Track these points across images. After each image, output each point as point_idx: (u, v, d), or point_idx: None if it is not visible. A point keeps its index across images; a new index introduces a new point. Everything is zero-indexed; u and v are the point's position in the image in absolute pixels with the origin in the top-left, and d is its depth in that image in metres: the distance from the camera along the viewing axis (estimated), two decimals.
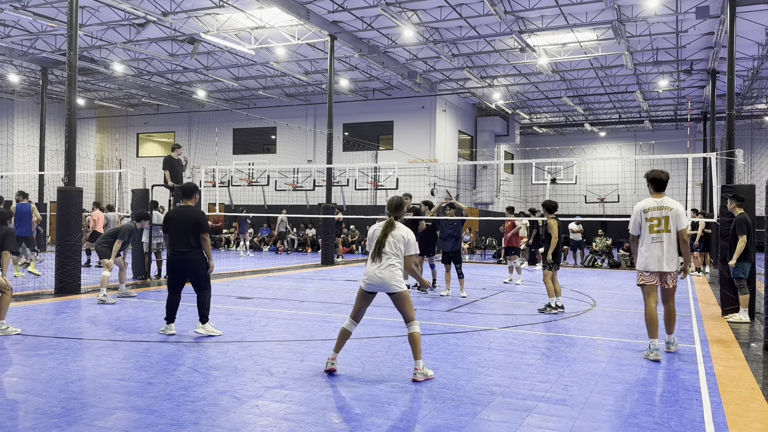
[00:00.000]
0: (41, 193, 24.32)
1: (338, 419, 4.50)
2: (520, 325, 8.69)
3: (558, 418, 4.60)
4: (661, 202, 6.58)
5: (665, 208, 6.53)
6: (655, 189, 6.69)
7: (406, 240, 5.63)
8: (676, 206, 6.56)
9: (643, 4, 17.30)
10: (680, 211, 6.55)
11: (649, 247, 6.52)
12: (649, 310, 6.56)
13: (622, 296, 12.37)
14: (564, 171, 33.65)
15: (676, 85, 26.89)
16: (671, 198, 6.63)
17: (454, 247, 11.76)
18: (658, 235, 6.50)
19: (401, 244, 5.61)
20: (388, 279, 5.53)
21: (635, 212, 6.63)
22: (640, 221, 6.61)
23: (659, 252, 6.48)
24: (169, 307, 7.50)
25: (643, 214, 6.59)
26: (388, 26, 19.84)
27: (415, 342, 5.54)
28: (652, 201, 6.63)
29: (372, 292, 5.69)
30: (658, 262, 6.48)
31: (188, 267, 7.35)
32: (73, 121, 11.56)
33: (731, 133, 13.40)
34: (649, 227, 6.53)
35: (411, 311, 5.61)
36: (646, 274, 6.57)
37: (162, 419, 4.41)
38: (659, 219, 6.51)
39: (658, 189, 6.68)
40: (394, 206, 5.81)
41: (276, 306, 10.12)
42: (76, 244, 11.28)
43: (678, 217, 6.51)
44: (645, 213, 6.59)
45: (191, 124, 33.07)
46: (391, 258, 5.58)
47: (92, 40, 21.81)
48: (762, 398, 5.19)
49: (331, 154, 20.51)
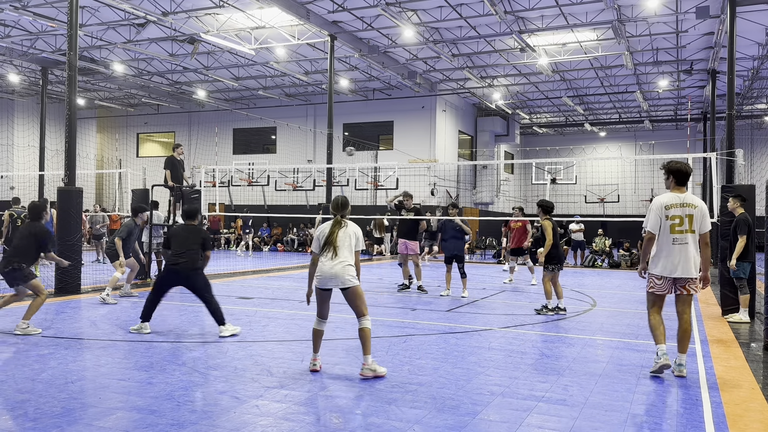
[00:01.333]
0: (41, 193, 24.31)
1: (338, 419, 4.50)
2: (520, 325, 8.68)
3: (558, 418, 4.60)
4: (683, 198, 5.72)
5: (689, 205, 5.67)
6: (677, 183, 5.80)
7: (357, 236, 5.79)
8: (701, 204, 5.72)
9: (643, 4, 17.30)
10: (705, 211, 5.72)
11: (670, 249, 5.66)
12: (652, 321, 5.84)
13: (622, 296, 12.37)
14: (564, 171, 33.66)
15: (676, 85, 26.89)
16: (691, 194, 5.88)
17: (456, 250, 11.66)
18: (681, 235, 5.64)
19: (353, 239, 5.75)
20: (342, 274, 5.61)
21: (656, 207, 5.74)
22: (662, 218, 5.71)
23: (682, 255, 5.63)
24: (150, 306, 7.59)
25: (665, 210, 5.71)
26: (388, 26, 19.84)
27: (366, 337, 5.63)
28: (674, 196, 5.75)
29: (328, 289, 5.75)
30: (681, 268, 5.64)
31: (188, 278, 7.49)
32: (73, 121, 11.56)
33: (731, 133, 13.40)
34: (671, 226, 5.66)
35: (363, 307, 5.69)
36: (658, 281, 5.75)
37: (162, 419, 4.41)
38: (682, 217, 5.65)
39: (680, 183, 5.79)
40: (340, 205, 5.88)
41: (276, 306, 10.12)
42: (76, 244, 11.28)
43: (703, 218, 5.69)
44: (667, 210, 5.70)
45: (191, 124, 33.07)
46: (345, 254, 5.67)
47: (92, 40, 21.81)
48: (762, 398, 5.19)
49: (331, 154, 20.52)
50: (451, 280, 11.95)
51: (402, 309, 9.92)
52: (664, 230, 5.73)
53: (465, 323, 8.74)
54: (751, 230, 9.14)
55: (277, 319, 8.82)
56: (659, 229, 5.75)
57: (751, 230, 9.14)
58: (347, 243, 5.70)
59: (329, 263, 5.63)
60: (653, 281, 5.82)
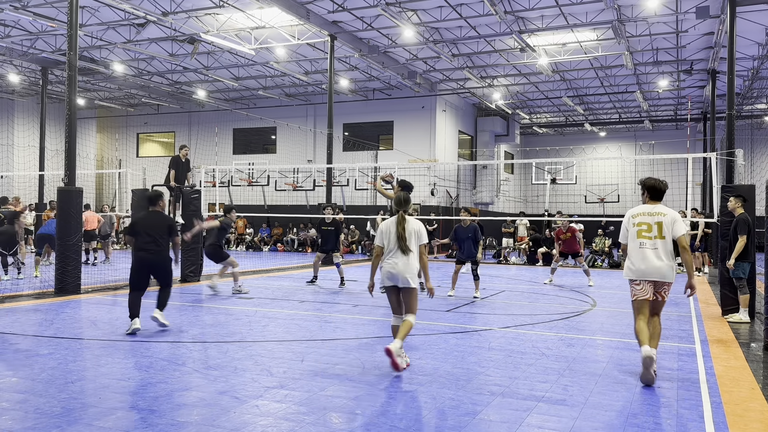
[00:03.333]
0: (41, 193, 24.32)
1: (338, 419, 4.50)
2: (520, 325, 8.69)
3: (558, 418, 4.60)
4: (653, 208, 5.97)
5: (659, 213, 5.91)
6: (651, 197, 6.09)
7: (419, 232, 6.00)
8: (671, 213, 5.94)
9: (643, 4, 17.30)
10: (676, 218, 5.91)
11: (638, 253, 5.86)
12: (636, 328, 5.82)
13: (622, 296, 12.36)
14: (564, 171, 33.68)
15: (676, 85, 26.89)
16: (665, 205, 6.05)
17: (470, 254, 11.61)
18: (650, 241, 5.84)
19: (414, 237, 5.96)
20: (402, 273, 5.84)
21: (625, 219, 6.10)
22: (629, 227, 6.02)
23: (651, 259, 5.79)
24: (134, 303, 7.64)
25: (632, 219, 6.01)
26: (388, 26, 19.84)
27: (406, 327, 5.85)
28: (643, 207, 6.07)
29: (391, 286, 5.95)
30: (656, 272, 5.77)
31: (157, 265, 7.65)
32: (73, 121, 11.56)
33: (731, 133, 13.40)
34: (637, 232, 5.91)
35: (414, 306, 5.95)
36: (638, 287, 5.87)
37: (162, 419, 4.41)
38: (650, 224, 5.89)
39: (654, 198, 6.08)
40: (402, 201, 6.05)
41: (276, 306, 10.12)
42: (76, 244, 11.28)
43: (674, 223, 5.85)
44: (634, 218, 6.00)
45: (191, 124, 33.07)
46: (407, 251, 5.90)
47: (92, 40, 21.81)
48: (762, 398, 5.19)
49: (331, 154, 20.52)
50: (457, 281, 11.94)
51: None
52: (632, 237, 5.98)
53: (465, 323, 8.74)
54: (751, 230, 9.15)
55: (277, 319, 8.82)
56: (627, 238, 6.05)
57: (751, 230, 9.15)
58: (413, 239, 5.92)
59: (391, 261, 5.87)
60: (633, 289, 5.95)
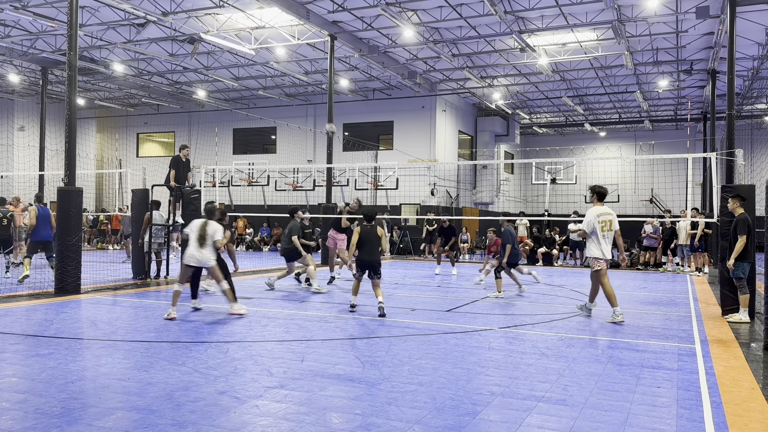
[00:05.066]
0: (41, 193, 24.31)
1: (338, 419, 4.50)
2: (520, 325, 8.69)
3: (558, 418, 4.60)
4: (606, 209, 9.05)
5: (608, 213, 9.00)
6: (598, 199, 9.14)
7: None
8: (613, 212, 9.12)
9: (643, 4, 17.30)
10: (614, 216, 9.08)
11: (602, 241, 8.91)
12: (607, 288, 8.87)
13: (621, 296, 12.34)
14: (564, 171, 33.67)
15: (676, 85, 26.89)
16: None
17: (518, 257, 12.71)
18: (609, 233, 8.98)
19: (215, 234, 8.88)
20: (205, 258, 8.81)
21: (592, 216, 8.87)
22: (595, 223, 8.88)
23: (609, 244, 8.98)
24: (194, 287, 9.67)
25: (598, 218, 8.90)
26: (388, 26, 19.84)
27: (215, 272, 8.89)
28: (601, 209, 9.00)
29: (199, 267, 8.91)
30: (608, 253, 8.98)
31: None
32: (73, 121, 11.56)
33: (731, 133, 13.40)
34: (601, 227, 8.90)
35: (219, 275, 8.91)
36: (602, 261, 8.93)
37: (162, 419, 4.41)
38: (606, 222, 8.93)
39: (601, 200, 9.17)
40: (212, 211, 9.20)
41: (276, 306, 10.12)
42: (76, 244, 11.28)
43: (614, 220, 9.03)
44: (599, 217, 8.91)
45: (191, 124, 33.06)
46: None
47: (92, 40, 21.81)
48: (762, 398, 5.19)
49: (331, 154, 20.52)
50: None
51: (402, 309, 9.91)
52: (599, 230, 8.92)
53: (465, 323, 8.74)
54: (751, 230, 9.14)
55: (277, 319, 8.82)
56: (593, 229, 8.94)
57: (751, 230, 9.14)
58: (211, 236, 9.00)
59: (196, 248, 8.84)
60: (599, 263, 8.94)
